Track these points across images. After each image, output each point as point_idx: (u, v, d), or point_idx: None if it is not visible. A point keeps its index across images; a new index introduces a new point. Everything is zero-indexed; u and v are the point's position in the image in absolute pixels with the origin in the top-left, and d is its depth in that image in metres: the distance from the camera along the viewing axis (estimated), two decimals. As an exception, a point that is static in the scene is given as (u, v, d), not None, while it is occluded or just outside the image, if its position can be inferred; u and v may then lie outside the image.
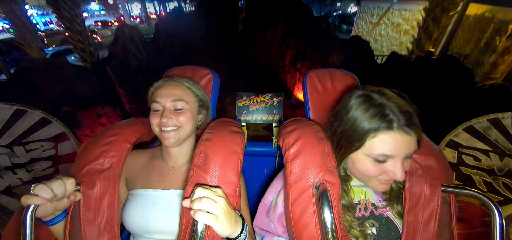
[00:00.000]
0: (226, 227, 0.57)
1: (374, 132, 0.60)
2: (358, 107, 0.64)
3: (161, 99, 0.81)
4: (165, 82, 0.86)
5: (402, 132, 0.59)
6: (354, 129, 0.63)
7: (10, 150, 1.27)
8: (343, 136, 0.67)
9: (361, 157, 0.65)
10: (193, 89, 0.89)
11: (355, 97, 0.67)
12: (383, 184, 0.67)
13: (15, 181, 1.31)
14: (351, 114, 0.65)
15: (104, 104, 3.97)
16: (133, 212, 0.80)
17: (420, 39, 4.70)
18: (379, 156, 0.61)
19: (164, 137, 0.80)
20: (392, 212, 0.74)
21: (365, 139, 0.62)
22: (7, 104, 1.22)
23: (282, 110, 1.20)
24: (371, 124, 0.60)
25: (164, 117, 0.78)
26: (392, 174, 0.62)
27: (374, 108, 0.61)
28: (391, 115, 0.59)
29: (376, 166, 0.63)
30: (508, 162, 1.17)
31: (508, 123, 1.14)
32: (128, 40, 4.64)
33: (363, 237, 0.69)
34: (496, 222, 0.57)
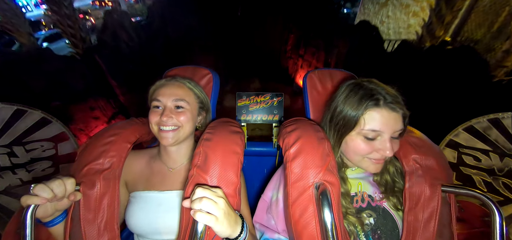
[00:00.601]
0: (226, 228, 0.57)
1: (363, 110, 0.67)
2: (349, 93, 0.72)
3: (162, 97, 0.81)
4: (167, 81, 0.86)
5: (388, 109, 0.66)
6: (346, 111, 0.71)
7: (10, 150, 1.27)
8: (339, 121, 0.73)
9: (353, 137, 0.71)
10: (195, 90, 0.89)
11: (346, 85, 0.75)
12: (374, 164, 0.71)
13: (15, 181, 1.31)
14: (344, 100, 0.73)
15: (97, 96, 3.73)
16: (137, 214, 0.80)
17: (431, 23, 4.28)
18: (369, 133, 0.67)
19: (162, 137, 0.79)
20: (389, 204, 0.75)
21: (356, 118, 0.68)
22: (7, 104, 1.23)
23: (282, 110, 1.20)
24: (360, 103, 0.68)
25: (164, 116, 0.78)
26: (382, 152, 0.67)
27: (363, 91, 0.69)
28: (377, 94, 0.67)
29: (366, 143, 0.69)
30: (508, 162, 1.17)
31: (508, 123, 1.14)
32: (118, 26, 4.29)
33: (360, 223, 0.71)
34: (496, 222, 0.57)
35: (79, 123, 3.53)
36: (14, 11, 4.54)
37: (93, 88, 3.72)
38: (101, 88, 3.90)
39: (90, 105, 3.65)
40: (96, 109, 3.72)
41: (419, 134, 0.80)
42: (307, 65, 5.55)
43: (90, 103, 3.65)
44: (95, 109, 3.72)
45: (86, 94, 3.61)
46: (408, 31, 7.74)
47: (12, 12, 4.51)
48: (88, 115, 3.64)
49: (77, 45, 4.55)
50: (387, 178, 0.78)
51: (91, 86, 3.70)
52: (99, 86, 3.85)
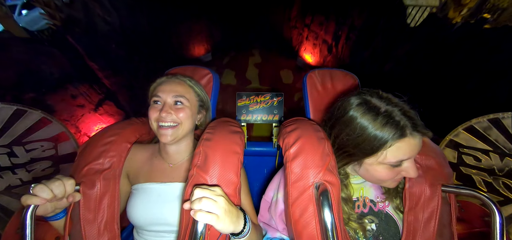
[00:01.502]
0: (228, 224, 0.57)
1: (390, 142, 0.60)
2: (364, 115, 0.63)
3: (162, 94, 0.81)
4: (168, 78, 0.86)
5: (414, 137, 0.61)
6: (364, 138, 0.63)
7: (10, 150, 1.27)
8: (350, 144, 0.66)
9: (375, 165, 0.66)
10: (195, 88, 0.90)
11: (356, 105, 0.66)
12: (395, 182, 0.69)
13: (15, 181, 1.31)
14: (358, 123, 0.64)
15: (77, 83, 3.30)
16: (138, 206, 0.80)
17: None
18: (396, 163, 0.63)
19: (161, 134, 0.79)
20: (392, 207, 0.75)
21: (380, 149, 0.62)
22: (7, 104, 1.23)
23: (282, 110, 1.20)
24: (384, 134, 0.60)
25: (163, 112, 0.78)
26: (405, 174, 0.65)
27: (382, 117, 0.61)
28: (402, 121, 0.60)
29: (391, 170, 0.65)
30: (508, 162, 1.17)
31: (508, 123, 1.14)
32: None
33: (361, 230, 0.70)
34: (496, 222, 0.57)
35: (62, 114, 3.12)
36: None
37: (71, 74, 3.25)
38: (81, 74, 3.41)
39: (71, 93, 3.21)
40: (78, 96, 3.30)
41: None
42: (313, 36, 4.80)
43: (70, 91, 3.21)
44: (78, 97, 3.29)
45: (63, 81, 3.15)
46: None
47: None
48: (70, 104, 3.23)
49: (53, 15, 3.65)
50: None
51: (68, 72, 3.23)
52: (78, 71, 3.36)
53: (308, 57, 5.13)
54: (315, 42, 4.85)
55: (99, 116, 3.57)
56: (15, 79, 2.77)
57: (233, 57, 5.17)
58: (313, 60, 5.06)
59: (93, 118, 3.49)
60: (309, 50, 5.05)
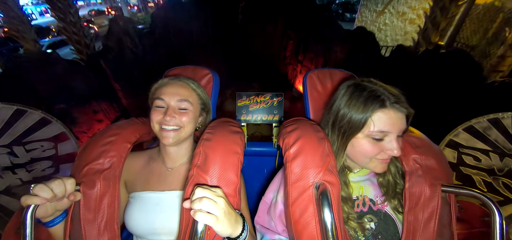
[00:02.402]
0: (227, 227, 0.57)
1: (370, 113, 0.66)
2: (352, 94, 0.70)
3: (166, 96, 0.80)
4: (171, 80, 0.85)
5: (394, 109, 0.66)
6: (351, 114, 0.69)
7: (10, 150, 1.27)
8: (343, 124, 0.71)
9: (360, 140, 0.70)
10: (198, 91, 0.89)
11: (347, 86, 0.74)
12: (381, 164, 0.70)
13: (15, 181, 1.31)
14: (347, 102, 0.71)
15: (100, 100, 3.84)
16: (135, 215, 0.80)
17: (427, 30, 4.43)
18: (376, 134, 0.67)
19: (164, 136, 0.79)
20: (390, 207, 0.75)
21: (363, 121, 0.67)
22: (7, 104, 1.23)
23: (282, 110, 1.20)
24: (366, 105, 0.67)
25: (167, 115, 0.78)
26: (389, 152, 0.67)
27: (367, 92, 0.68)
28: (382, 95, 0.66)
29: (374, 145, 0.68)
30: (508, 162, 1.17)
31: (508, 123, 1.14)
32: (123, 33, 4.41)
33: (361, 230, 0.70)
34: (496, 222, 0.57)
35: (82, 126, 3.59)
36: (21, 18, 4.67)
37: (97, 92, 3.79)
38: (105, 92, 3.97)
39: (93, 108, 3.73)
40: (99, 112, 3.80)
41: (419, 134, 0.80)
42: (305, 70, 5.71)
43: (93, 106, 3.73)
44: (98, 112, 3.80)
45: (90, 97, 3.67)
46: (405, 37, 7.90)
47: (19, 19, 4.64)
48: (91, 118, 3.70)
49: (81, 51, 4.69)
50: (389, 178, 0.77)
51: (95, 90, 3.77)
52: (103, 90, 3.92)
53: (301, 88, 5.88)
54: (308, 71, 5.66)
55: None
56: (52, 91, 3.30)
57: (235, 89, 5.67)
58: (306, 90, 6.01)
59: (108, 132, 3.96)
60: (302, 83, 5.87)
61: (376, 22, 9.07)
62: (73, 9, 4.58)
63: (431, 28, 4.34)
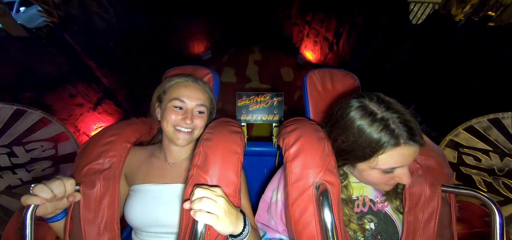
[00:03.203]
0: (228, 226, 0.57)
1: (382, 149, 0.60)
2: (360, 121, 0.62)
3: (187, 99, 0.82)
4: (192, 82, 0.88)
5: (409, 146, 0.59)
6: (358, 144, 0.63)
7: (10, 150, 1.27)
8: (346, 148, 0.67)
9: (366, 168, 0.66)
10: (211, 95, 0.93)
11: (354, 109, 0.65)
12: (390, 186, 0.70)
13: (15, 181, 1.31)
14: (354, 129, 0.63)
15: (75, 81, 3.28)
16: (135, 207, 0.80)
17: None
18: (387, 170, 0.63)
19: (178, 137, 0.81)
20: (391, 207, 0.75)
21: (372, 156, 0.62)
22: (7, 104, 1.23)
23: (282, 110, 1.20)
24: (377, 141, 0.60)
25: (187, 118, 0.80)
26: (398, 179, 0.65)
27: (378, 123, 0.60)
28: (396, 130, 0.59)
29: (384, 175, 0.65)
30: (508, 162, 1.17)
31: (508, 123, 1.14)
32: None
33: (361, 231, 0.70)
34: (496, 222, 0.57)
35: (61, 113, 3.12)
36: None
37: (69, 72, 3.23)
38: (79, 72, 3.39)
39: (69, 92, 3.20)
40: (77, 95, 3.29)
41: (419, 134, 0.80)
42: (314, 34, 4.71)
43: (69, 90, 3.20)
44: (76, 96, 3.28)
45: (61, 80, 3.13)
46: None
47: None
48: (69, 103, 3.22)
49: (51, 12, 3.62)
50: None
51: (66, 70, 3.20)
52: (75, 70, 3.34)
53: (308, 55, 5.07)
54: (316, 39, 4.78)
55: (98, 115, 3.56)
56: (13, 78, 2.76)
57: (233, 54, 5.16)
58: (313, 57, 5.00)
59: (92, 117, 3.48)
60: (310, 48, 5.00)
61: None
62: None
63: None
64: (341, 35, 4.17)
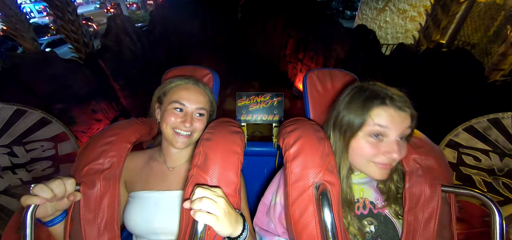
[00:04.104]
0: (227, 227, 0.57)
1: (369, 110, 0.66)
2: (354, 95, 0.71)
3: (187, 102, 0.82)
4: (193, 85, 0.87)
5: (395, 108, 0.65)
6: (351, 114, 0.70)
7: (10, 150, 1.27)
8: (343, 125, 0.72)
9: (358, 139, 0.69)
10: (211, 97, 0.92)
11: (350, 88, 0.75)
12: (380, 169, 0.68)
13: (15, 181, 1.31)
14: (348, 103, 0.72)
15: (99, 99, 3.81)
16: (135, 215, 0.80)
17: (428, 28, 4.33)
18: (374, 130, 0.66)
19: (176, 140, 0.80)
20: (390, 211, 0.75)
21: (362, 119, 0.67)
22: (7, 104, 1.22)
23: (282, 110, 1.20)
24: (366, 104, 0.67)
25: (187, 121, 0.80)
26: (388, 155, 0.65)
27: (368, 92, 0.69)
28: (383, 94, 0.67)
29: (372, 145, 0.67)
30: (508, 162, 1.17)
31: (508, 123, 1.14)
32: (121, 31, 4.32)
33: (361, 236, 0.70)
34: (496, 222, 0.57)
35: (81, 126, 3.55)
36: (19, 16, 4.57)
37: (96, 91, 3.75)
38: (104, 91, 3.95)
39: (92, 108, 3.68)
40: (98, 111, 3.76)
41: (419, 134, 0.80)
42: (306, 69, 5.74)
43: (92, 106, 3.68)
44: (97, 112, 3.76)
45: (88, 97, 3.63)
46: (405, 35, 7.82)
47: (17, 17, 4.53)
48: (90, 118, 3.66)
49: (80, 50, 4.62)
50: (391, 186, 0.76)
51: (94, 89, 3.73)
52: (102, 89, 3.90)
53: (301, 87, 5.87)
54: (308, 71, 5.63)
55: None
56: (50, 91, 3.26)
57: (235, 87, 5.92)
58: (306, 88, 5.99)
59: (107, 132, 3.92)
60: (302, 81, 5.82)
61: (377, 20, 8.98)
62: (71, 7, 4.46)
63: (432, 26, 4.28)
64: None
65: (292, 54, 6.01)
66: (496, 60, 3.52)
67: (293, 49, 5.94)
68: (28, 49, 4.77)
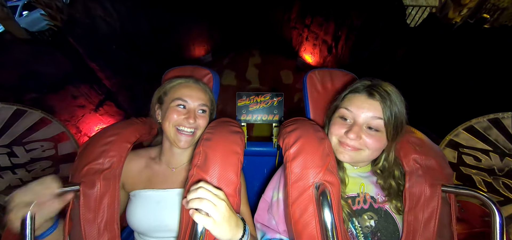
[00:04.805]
0: (226, 232, 0.56)
1: (345, 96, 0.77)
2: (345, 87, 0.80)
3: (189, 99, 0.83)
4: (194, 83, 0.88)
5: (365, 94, 0.71)
6: (336, 101, 0.80)
7: (10, 150, 1.27)
8: (330, 110, 0.82)
9: (334, 119, 0.78)
10: (212, 96, 0.93)
11: None
12: (344, 150, 0.73)
13: (15, 181, 1.31)
14: (338, 93, 0.81)
15: (77, 83, 3.35)
16: (137, 212, 0.80)
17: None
18: (341, 113, 0.75)
19: (179, 139, 0.80)
20: (391, 207, 0.75)
21: (338, 103, 0.77)
22: (7, 104, 1.23)
23: (282, 110, 1.20)
24: (344, 91, 0.78)
25: (190, 118, 0.80)
26: (349, 134, 0.70)
27: (355, 83, 0.76)
28: (360, 84, 0.74)
29: (339, 123, 0.74)
30: (508, 162, 1.17)
31: (508, 123, 1.14)
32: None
33: (360, 225, 0.71)
34: (496, 222, 0.57)
35: (63, 114, 3.17)
36: None
37: (72, 74, 3.30)
38: (81, 74, 3.46)
39: (72, 93, 3.26)
40: (79, 97, 3.35)
41: (419, 134, 0.80)
42: (313, 37, 4.86)
43: (71, 91, 3.25)
44: (78, 97, 3.35)
45: (64, 82, 3.20)
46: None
47: None
48: (71, 105, 3.29)
49: (54, 16, 3.69)
50: (391, 182, 0.76)
51: (69, 72, 3.28)
52: (78, 71, 3.41)
53: (308, 57, 5.18)
54: (315, 42, 4.89)
55: (99, 117, 3.57)
56: (17, 80, 2.81)
57: (233, 57, 5.23)
58: (313, 60, 5.10)
59: (93, 119, 3.49)
60: (309, 51, 5.10)
61: None
62: None
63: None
64: (339, 38, 4.33)
65: (298, 18, 5.05)
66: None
67: (299, 13, 4.97)
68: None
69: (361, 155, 0.72)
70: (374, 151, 0.71)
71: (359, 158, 0.73)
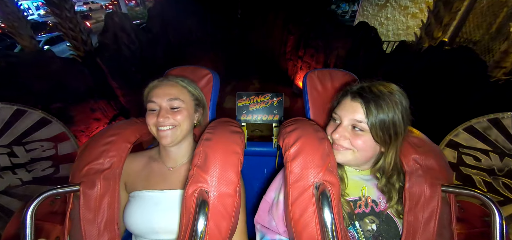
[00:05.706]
0: None
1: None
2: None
3: (157, 98, 0.81)
4: (160, 82, 0.86)
5: (351, 98, 0.73)
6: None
7: (10, 150, 1.27)
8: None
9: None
10: (189, 88, 0.89)
11: None
12: (335, 148, 0.74)
13: (15, 181, 1.31)
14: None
15: (98, 98, 3.81)
16: (134, 214, 0.80)
17: (430, 25, 4.24)
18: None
19: (161, 136, 0.80)
20: (392, 211, 0.75)
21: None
22: (7, 104, 1.23)
23: (282, 110, 1.20)
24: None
25: (160, 117, 0.78)
26: (333, 134, 0.73)
27: (352, 87, 0.77)
28: (349, 87, 0.77)
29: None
30: (508, 162, 1.17)
31: (508, 123, 1.14)
32: (119, 29, 4.27)
33: (361, 229, 0.71)
34: (496, 222, 0.57)
35: (80, 125, 3.56)
36: (16, 14, 4.49)
37: (94, 90, 3.76)
38: (102, 90, 3.96)
39: (91, 106, 3.69)
40: (96, 110, 3.77)
41: (419, 134, 0.80)
42: (306, 66, 5.68)
43: (91, 105, 3.69)
44: (96, 111, 3.76)
45: (87, 95, 3.64)
46: (407, 32, 7.75)
47: (14, 15, 4.46)
48: (89, 117, 3.67)
49: (78, 47, 4.62)
50: (390, 186, 0.76)
51: (92, 88, 3.74)
52: (99, 88, 3.90)
53: (301, 84, 5.87)
54: (308, 71, 5.54)
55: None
56: (47, 90, 3.25)
57: (235, 85, 5.96)
58: (307, 86, 5.91)
59: (105, 132, 3.91)
60: (303, 79, 5.76)
61: (378, 16, 8.80)
62: (69, 4, 4.39)
63: (434, 23, 4.19)
64: (328, 66, 5.20)
65: (293, 51, 5.94)
66: (498, 58, 3.41)
67: (293, 46, 5.86)
68: (26, 46, 4.71)
69: (353, 156, 0.72)
70: (363, 151, 0.71)
71: (351, 158, 0.73)
